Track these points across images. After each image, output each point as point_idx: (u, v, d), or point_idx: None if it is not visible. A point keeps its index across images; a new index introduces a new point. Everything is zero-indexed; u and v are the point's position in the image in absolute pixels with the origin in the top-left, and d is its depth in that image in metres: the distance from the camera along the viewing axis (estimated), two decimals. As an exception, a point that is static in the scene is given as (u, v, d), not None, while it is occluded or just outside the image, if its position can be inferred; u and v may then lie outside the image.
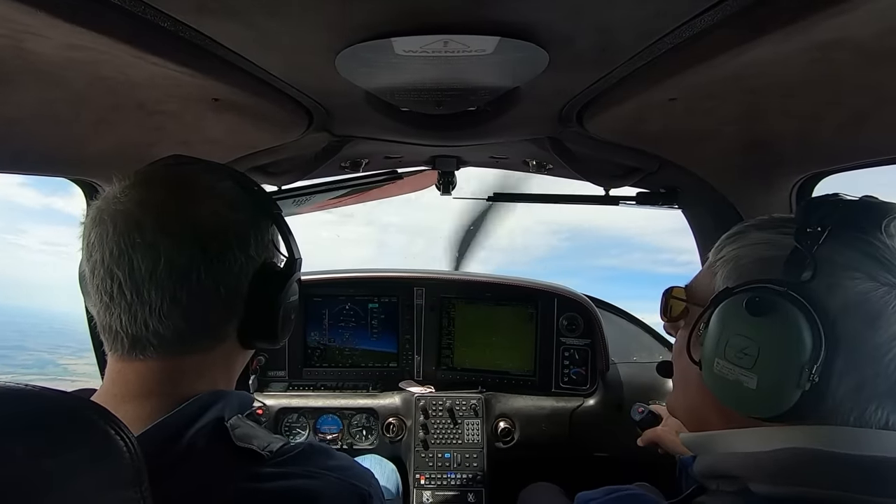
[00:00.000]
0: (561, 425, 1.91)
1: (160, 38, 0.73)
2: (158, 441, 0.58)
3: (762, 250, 0.63)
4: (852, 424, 0.55)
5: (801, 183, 1.23)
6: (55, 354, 3.48)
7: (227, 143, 1.29)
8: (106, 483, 0.47)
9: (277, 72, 0.93)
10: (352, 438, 1.94)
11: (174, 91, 0.96)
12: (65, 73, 0.83)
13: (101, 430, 0.47)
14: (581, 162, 1.45)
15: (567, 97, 1.06)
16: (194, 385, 0.66)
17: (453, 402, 1.92)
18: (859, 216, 0.59)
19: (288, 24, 0.73)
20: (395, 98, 1.07)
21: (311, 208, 1.98)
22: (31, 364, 22.65)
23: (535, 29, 0.74)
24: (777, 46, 0.71)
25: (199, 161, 0.74)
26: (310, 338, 2.08)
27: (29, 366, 19.85)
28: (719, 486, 0.63)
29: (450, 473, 1.85)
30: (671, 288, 0.77)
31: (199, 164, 0.74)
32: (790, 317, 0.56)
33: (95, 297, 0.64)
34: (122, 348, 0.64)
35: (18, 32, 0.68)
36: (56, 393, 0.47)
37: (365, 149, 1.54)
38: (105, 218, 0.63)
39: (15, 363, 28.71)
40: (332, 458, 0.71)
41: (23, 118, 0.93)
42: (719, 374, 0.61)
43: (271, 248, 0.74)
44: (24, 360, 27.03)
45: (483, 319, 2.08)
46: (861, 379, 0.55)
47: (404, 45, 0.76)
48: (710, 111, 1.02)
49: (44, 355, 18.85)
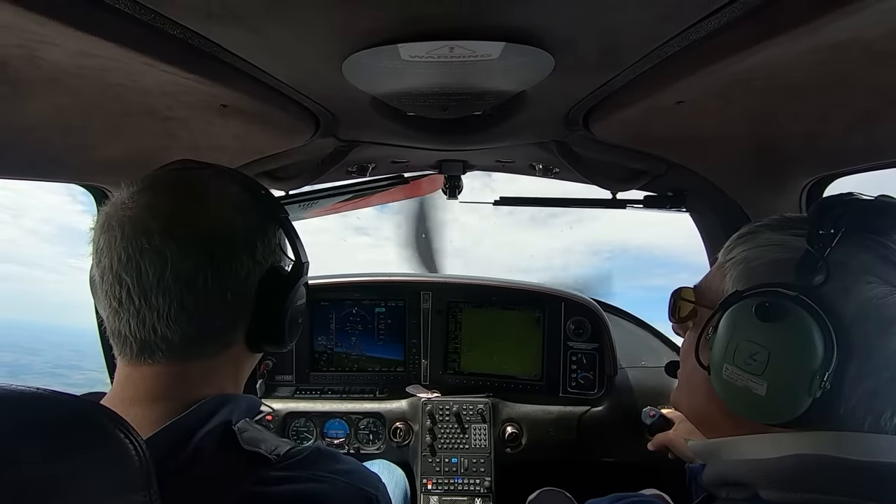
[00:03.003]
0: (569, 430, 1.89)
1: (170, 45, 0.74)
2: (167, 445, 0.58)
3: (773, 252, 0.62)
4: (867, 430, 0.54)
5: (810, 185, 1.21)
6: (105, 374, 3.54)
7: (235, 149, 1.30)
8: (115, 486, 0.47)
9: (285, 78, 0.93)
10: (359, 443, 1.93)
11: (183, 98, 0.97)
12: (76, 81, 0.84)
13: (111, 434, 0.47)
14: (588, 165, 1.45)
15: (573, 101, 1.06)
16: (202, 389, 0.66)
17: (460, 406, 1.91)
18: (874, 217, 0.57)
19: (295, 31, 0.74)
20: (401, 103, 1.07)
21: (318, 213, 1.98)
22: (83, 383, 23.00)
23: (541, 34, 0.74)
24: (785, 48, 0.70)
25: (206, 166, 0.74)
26: (317, 342, 2.09)
27: (80, 384, 20.22)
28: (729, 494, 0.62)
29: (457, 478, 1.84)
30: (680, 289, 0.75)
31: (207, 168, 0.74)
32: (801, 323, 0.54)
33: (105, 302, 0.65)
34: (130, 353, 0.64)
35: (32, 42, 0.69)
36: (66, 397, 0.47)
37: (371, 153, 1.55)
38: (113, 224, 0.63)
39: (69, 382, 29.16)
40: (340, 462, 0.71)
41: (36, 125, 0.95)
42: (728, 379, 0.60)
43: (278, 251, 0.74)
44: (78, 379, 27.51)
45: (490, 323, 2.07)
46: (875, 385, 0.53)
47: (410, 51, 0.77)
48: (717, 113, 1.02)
49: (95, 374, 19.41)
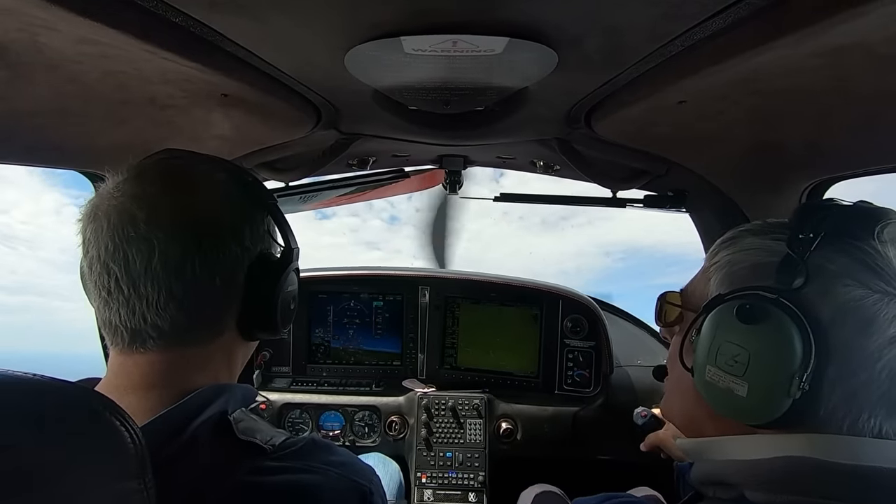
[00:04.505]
0: (563, 427, 1.90)
1: (171, 33, 0.74)
2: (162, 433, 0.58)
3: (755, 256, 0.63)
4: (846, 433, 0.55)
5: (811, 188, 1.21)
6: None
7: (235, 139, 1.30)
8: (110, 473, 0.47)
9: (287, 69, 0.93)
10: (354, 436, 1.94)
11: (184, 86, 0.96)
12: (77, 67, 0.83)
13: (107, 421, 0.47)
14: (589, 164, 1.45)
15: (575, 98, 1.06)
16: (196, 377, 0.66)
17: (456, 401, 1.92)
18: (852, 222, 0.58)
19: (298, 22, 0.74)
20: (403, 96, 1.07)
21: (318, 205, 1.98)
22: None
23: (545, 30, 0.74)
24: (788, 50, 0.70)
25: (192, 154, 0.74)
26: (314, 335, 2.09)
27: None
28: (716, 493, 0.63)
29: (451, 473, 1.85)
30: (666, 293, 0.76)
31: (193, 156, 0.74)
32: (781, 324, 0.55)
33: (94, 292, 0.65)
34: (122, 342, 0.64)
35: (33, 26, 0.68)
36: (61, 383, 0.47)
37: (372, 147, 1.54)
38: (100, 214, 0.63)
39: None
40: (334, 453, 0.71)
41: (36, 111, 0.94)
42: (711, 381, 0.61)
43: (267, 238, 0.74)
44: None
45: (488, 320, 2.07)
46: (853, 387, 0.54)
47: (413, 45, 0.76)
48: (719, 114, 1.02)
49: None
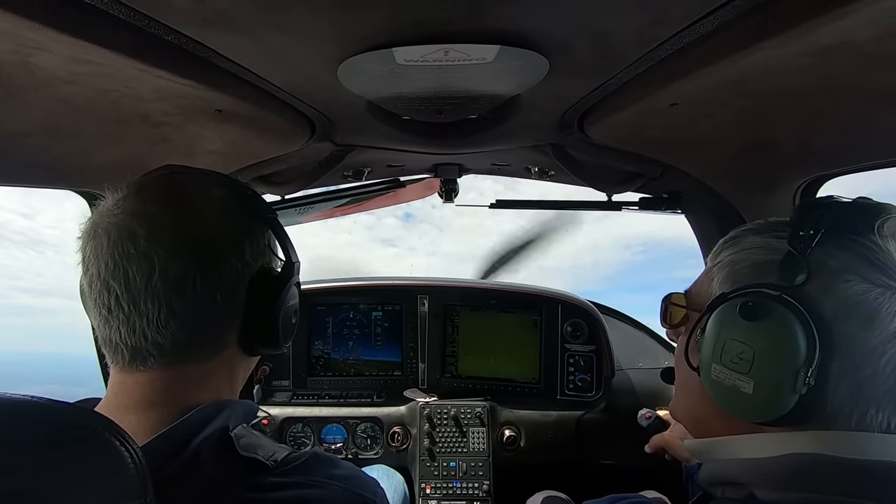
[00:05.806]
0: (567, 433, 1.89)
1: (164, 51, 0.74)
2: (163, 451, 0.57)
3: (757, 254, 0.63)
4: (854, 428, 0.55)
5: (804, 186, 1.22)
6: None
7: (230, 154, 1.30)
8: (111, 494, 0.46)
9: (280, 83, 0.93)
10: (357, 448, 1.93)
11: (178, 103, 0.97)
12: (70, 87, 0.83)
13: (106, 441, 0.46)
14: (583, 168, 1.45)
15: (568, 104, 1.06)
16: (197, 394, 0.65)
17: (458, 410, 1.91)
18: (852, 218, 0.59)
19: (290, 36, 0.74)
20: (396, 107, 1.07)
21: (314, 217, 1.98)
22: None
23: (535, 37, 0.74)
24: (777, 51, 0.71)
25: (191, 170, 0.74)
26: (314, 347, 2.08)
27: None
28: (724, 493, 0.63)
29: (455, 482, 1.83)
30: (671, 294, 0.77)
31: (192, 172, 0.74)
32: (784, 321, 0.56)
33: (94, 310, 0.64)
34: (122, 360, 0.64)
35: (25, 47, 0.69)
36: (60, 404, 0.46)
37: (367, 157, 1.55)
38: (99, 231, 0.63)
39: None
40: (337, 467, 0.70)
41: (29, 131, 0.94)
42: (717, 379, 0.61)
43: (268, 252, 0.74)
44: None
45: (487, 327, 2.07)
46: (859, 381, 0.54)
47: (405, 55, 0.77)
48: (711, 116, 1.02)
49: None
